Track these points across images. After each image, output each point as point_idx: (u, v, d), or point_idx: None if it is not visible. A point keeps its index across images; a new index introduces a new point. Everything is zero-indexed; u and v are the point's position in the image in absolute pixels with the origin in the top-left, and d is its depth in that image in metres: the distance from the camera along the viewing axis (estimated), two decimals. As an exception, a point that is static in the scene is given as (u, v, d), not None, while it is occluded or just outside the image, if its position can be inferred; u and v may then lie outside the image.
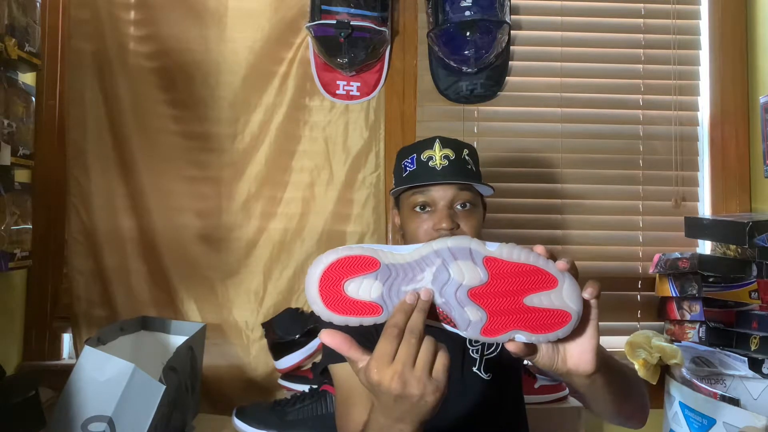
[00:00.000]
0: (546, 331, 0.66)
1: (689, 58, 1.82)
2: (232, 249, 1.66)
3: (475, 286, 0.66)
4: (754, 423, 1.19)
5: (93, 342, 1.20)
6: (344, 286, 0.66)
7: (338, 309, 0.66)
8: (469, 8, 1.59)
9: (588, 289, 0.68)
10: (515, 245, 0.67)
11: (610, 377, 0.76)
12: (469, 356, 1.09)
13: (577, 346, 0.70)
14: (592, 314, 0.69)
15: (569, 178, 1.77)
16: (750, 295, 1.51)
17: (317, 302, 0.67)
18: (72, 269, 1.61)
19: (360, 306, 0.66)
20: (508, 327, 0.66)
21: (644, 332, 1.64)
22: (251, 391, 1.60)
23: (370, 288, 0.66)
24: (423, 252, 0.67)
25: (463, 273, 0.66)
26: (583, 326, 0.69)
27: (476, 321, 0.66)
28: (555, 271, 0.66)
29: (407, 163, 1.12)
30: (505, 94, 1.78)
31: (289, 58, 1.70)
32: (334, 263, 0.67)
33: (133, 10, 1.68)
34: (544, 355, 0.70)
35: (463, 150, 1.11)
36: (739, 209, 1.76)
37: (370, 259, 0.67)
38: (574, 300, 0.66)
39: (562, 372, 0.71)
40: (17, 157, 1.34)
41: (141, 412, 1.12)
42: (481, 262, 0.66)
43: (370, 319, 0.67)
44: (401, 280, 0.67)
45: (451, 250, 0.67)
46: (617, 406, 0.82)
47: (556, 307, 0.66)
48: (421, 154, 1.10)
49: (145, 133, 1.64)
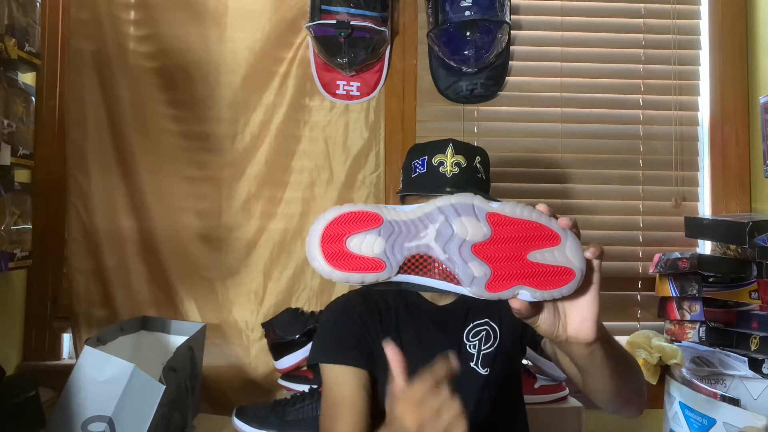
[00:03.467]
0: (550, 287, 0.66)
1: (689, 58, 1.82)
2: (232, 249, 1.66)
3: (478, 242, 0.66)
4: (754, 423, 1.19)
5: (93, 342, 1.20)
6: (346, 241, 0.65)
7: (340, 265, 0.65)
8: (469, 8, 1.59)
9: (591, 248, 0.68)
10: (518, 203, 0.67)
11: (609, 350, 0.76)
12: (466, 351, 1.09)
13: (578, 312, 0.70)
14: (594, 278, 0.69)
15: (569, 178, 1.77)
16: (750, 295, 1.51)
17: (318, 258, 0.65)
18: (72, 269, 1.61)
19: (362, 262, 0.65)
20: (512, 282, 0.66)
21: (644, 332, 1.64)
22: (251, 391, 1.60)
23: (373, 243, 0.65)
24: (426, 209, 0.67)
25: (466, 228, 0.66)
26: (584, 290, 0.69)
27: (480, 276, 0.65)
28: (558, 228, 0.66)
29: (417, 165, 1.10)
30: (505, 94, 1.78)
31: (289, 58, 1.70)
32: (337, 218, 0.65)
33: (133, 10, 1.68)
34: (545, 320, 0.70)
35: (475, 157, 1.10)
36: (739, 209, 1.76)
37: (373, 214, 0.66)
38: (577, 257, 0.66)
39: (561, 339, 0.71)
40: (17, 157, 1.34)
41: (141, 412, 1.12)
42: (485, 218, 0.66)
43: (372, 275, 0.65)
44: (404, 236, 0.66)
45: (455, 206, 0.66)
46: (616, 384, 0.81)
47: (559, 264, 0.66)
48: (432, 157, 1.08)
49: (145, 133, 1.64)
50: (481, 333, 1.10)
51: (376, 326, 1.08)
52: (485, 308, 1.10)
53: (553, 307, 0.70)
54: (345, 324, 1.08)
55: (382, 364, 1.07)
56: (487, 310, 1.11)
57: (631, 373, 0.87)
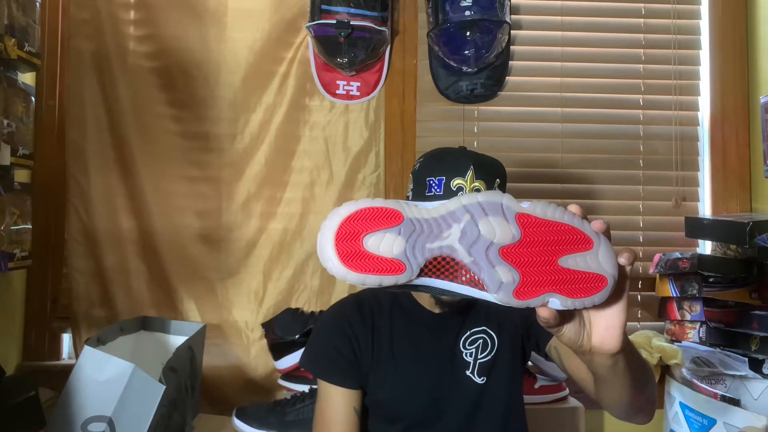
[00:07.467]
0: (581, 295, 0.61)
1: (689, 57, 1.82)
2: (232, 249, 1.66)
3: (506, 245, 0.61)
4: (754, 423, 1.19)
5: (93, 342, 1.20)
6: (363, 240, 0.59)
7: (356, 266, 0.59)
8: (469, 8, 1.59)
9: (624, 254, 0.64)
10: (549, 203, 0.63)
11: (631, 360, 0.72)
12: (462, 360, 1.07)
13: (604, 321, 0.65)
14: (624, 285, 0.65)
15: (569, 178, 1.77)
16: (750, 295, 1.51)
17: (332, 258, 0.59)
18: (72, 269, 1.61)
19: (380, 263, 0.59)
20: (542, 289, 0.61)
21: (644, 332, 1.64)
22: (251, 391, 1.60)
23: (393, 243, 0.59)
24: (450, 207, 0.62)
25: (494, 230, 0.61)
26: (613, 298, 0.64)
27: (508, 282, 0.60)
28: (590, 232, 0.62)
29: (433, 184, 1.00)
30: (506, 93, 1.77)
31: (289, 58, 1.70)
32: (353, 215, 0.60)
33: (133, 10, 1.68)
34: (571, 329, 0.65)
35: (495, 181, 1.01)
36: (739, 209, 1.76)
37: (393, 211, 0.60)
38: (610, 264, 0.62)
39: (585, 349, 0.67)
40: (17, 157, 1.34)
41: (141, 412, 1.12)
42: (514, 219, 0.61)
43: (390, 278, 0.59)
44: (426, 236, 0.60)
45: (482, 204, 0.61)
46: (633, 395, 0.78)
47: (592, 270, 0.61)
48: (451, 180, 0.99)
49: (145, 133, 1.64)
50: (478, 341, 1.08)
51: (368, 335, 1.08)
52: (483, 315, 1.09)
53: (579, 315, 0.66)
54: (337, 340, 1.08)
55: (377, 370, 1.07)
56: (485, 317, 1.09)
57: (648, 382, 0.83)
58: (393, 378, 1.06)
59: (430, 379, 1.06)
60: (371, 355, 1.07)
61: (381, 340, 1.08)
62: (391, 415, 1.08)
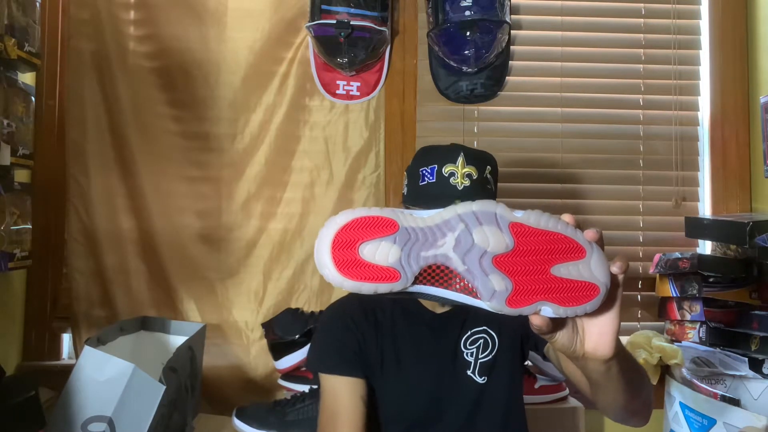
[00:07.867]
0: (573, 303, 0.62)
1: (689, 58, 1.82)
2: (232, 249, 1.66)
3: (500, 253, 0.62)
4: (754, 423, 1.19)
5: (93, 342, 1.20)
6: (359, 248, 0.61)
7: (352, 274, 0.61)
8: (469, 8, 1.59)
9: (617, 263, 0.65)
10: (542, 212, 0.64)
11: (624, 366, 0.74)
12: (463, 359, 1.08)
13: (596, 328, 0.67)
14: (617, 294, 0.66)
15: (569, 178, 1.77)
16: (750, 295, 1.51)
17: (328, 266, 0.61)
18: (72, 269, 1.61)
19: (376, 271, 0.61)
20: (535, 297, 0.62)
21: (644, 332, 1.64)
22: (251, 391, 1.60)
23: (388, 252, 0.61)
24: (445, 216, 0.63)
25: (488, 239, 0.62)
26: (606, 305, 0.65)
27: (501, 290, 0.62)
28: (583, 241, 0.64)
29: (426, 172, 1.05)
30: (506, 94, 1.77)
31: (289, 58, 1.70)
32: (349, 224, 0.61)
33: (133, 10, 1.68)
34: (563, 336, 0.67)
35: (486, 168, 1.05)
36: (739, 209, 1.76)
37: (388, 220, 0.62)
38: (602, 273, 0.63)
39: (578, 355, 0.69)
40: (17, 157, 1.34)
41: (141, 412, 1.12)
42: (507, 228, 0.63)
43: (385, 286, 0.61)
44: (421, 244, 0.62)
45: (476, 214, 0.63)
46: (627, 399, 0.79)
47: (584, 279, 0.63)
48: (442, 167, 1.03)
49: (145, 133, 1.64)
50: (479, 341, 1.09)
51: (371, 331, 1.08)
52: (483, 316, 1.09)
53: (572, 322, 0.67)
54: (341, 333, 1.08)
55: (379, 370, 1.07)
56: (486, 317, 1.09)
57: (643, 387, 0.84)
58: (395, 378, 1.07)
59: (431, 379, 1.07)
60: (376, 348, 1.07)
61: (384, 337, 1.08)
62: (391, 416, 1.08)
